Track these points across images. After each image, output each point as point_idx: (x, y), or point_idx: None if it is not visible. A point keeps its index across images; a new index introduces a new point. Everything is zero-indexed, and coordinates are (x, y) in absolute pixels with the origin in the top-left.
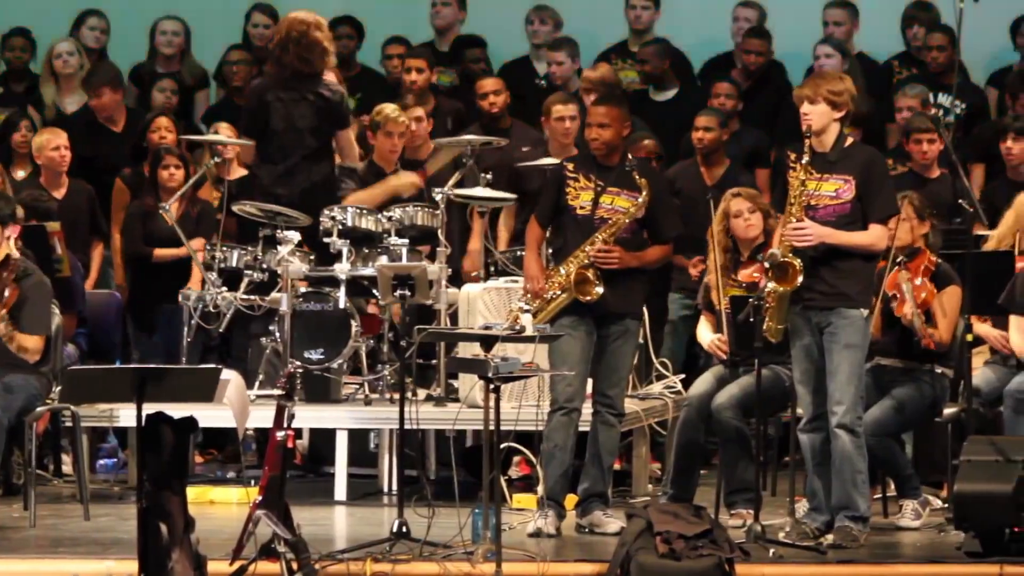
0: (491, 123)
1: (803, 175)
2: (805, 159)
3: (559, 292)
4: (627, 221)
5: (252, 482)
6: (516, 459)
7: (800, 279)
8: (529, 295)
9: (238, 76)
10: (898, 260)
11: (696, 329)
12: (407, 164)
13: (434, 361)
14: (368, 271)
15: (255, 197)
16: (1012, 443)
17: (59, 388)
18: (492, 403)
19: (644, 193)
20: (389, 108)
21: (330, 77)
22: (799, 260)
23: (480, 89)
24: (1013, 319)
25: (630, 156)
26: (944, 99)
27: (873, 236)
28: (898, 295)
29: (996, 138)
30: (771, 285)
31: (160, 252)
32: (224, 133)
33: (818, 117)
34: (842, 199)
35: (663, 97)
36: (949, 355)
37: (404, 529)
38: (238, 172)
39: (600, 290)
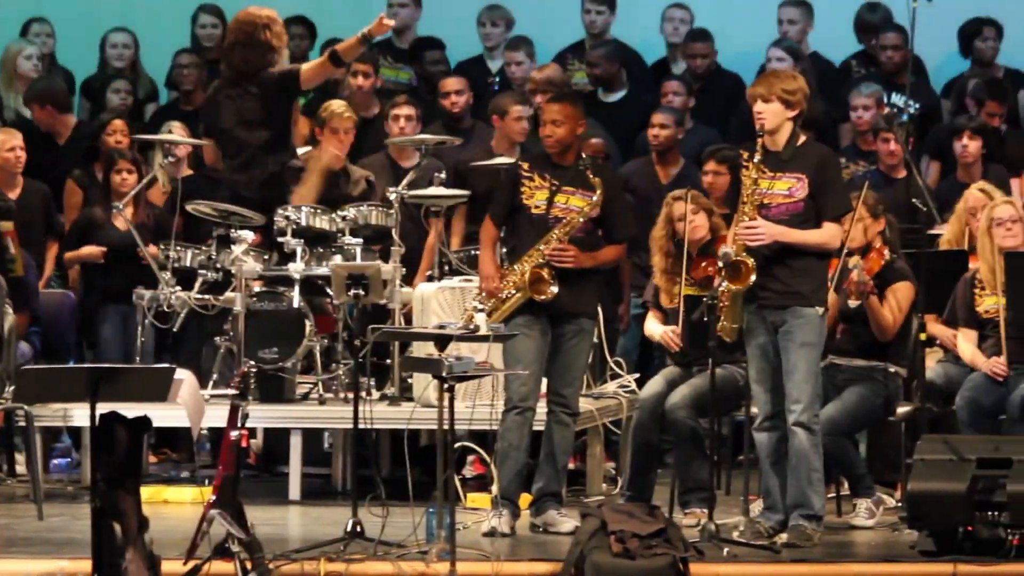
0: (452, 123)
1: (755, 174)
2: (757, 158)
3: (514, 291)
4: (582, 220)
5: (206, 482)
6: (470, 458)
7: (753, 278)
8: (484, 294)
9: (188, 79)
10: (851, 256)
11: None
12: (394, 171)
13: (388, 360)
14: (322, 270)
15: (216, 193)
16: (965, 442)
17: (12, 387)
18: (446, 402)
19: (598, 192)
20: (336, 104)
21: (283, 66)
22: (751, 259)
23: (443, 88)
24: (960, 331)
25: (584, 155)
26: (898, 99)
27: (827, 234)
28: (849, 276)
29: (951, 138)
30: (724, 284)
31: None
32: (178, 132)
33: (772, 116)
34: (795, 197)
35: (612, 98)
36: (902, 354)
37: (358, 528)
38: (186, 172)
39: (555, 289)
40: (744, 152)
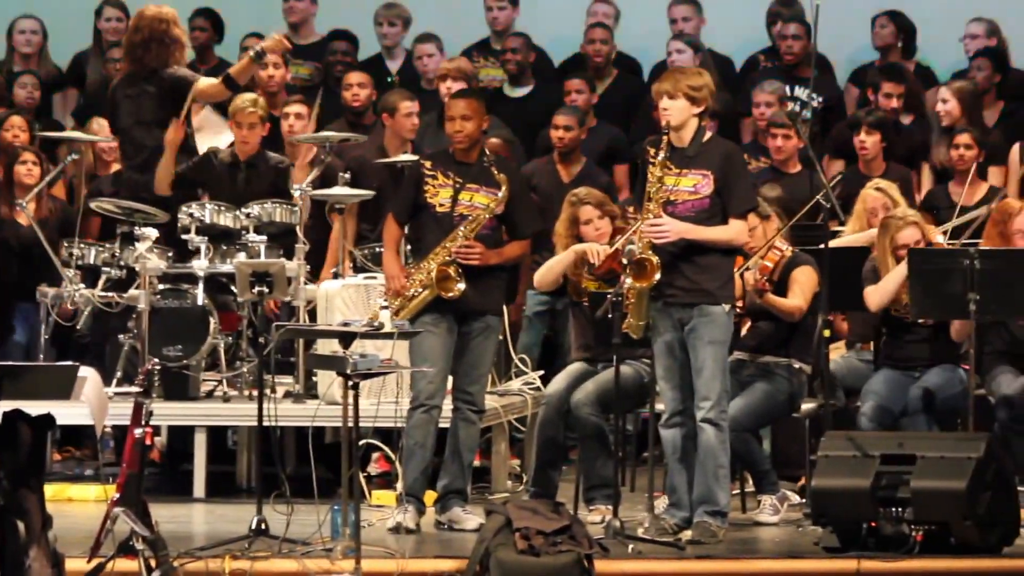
0: (354, 118)
1: (660, 171)
2: (662, 155)
3: (421, 289)
4: (487, 217)
5: (110, 479)
6: (375, 456)
7: (658, 275)
8: (390, 293)
9: (119, 74)
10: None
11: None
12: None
13: (293, 359)
14: (226, 268)
15: (120, 192)
16: (869, 438)
17: None
18: (351, 400)
19: (504, 189)
20: (241, 98)
21: (182, 70)
22: (656, 256)
23: (345, 81)
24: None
25: (488, 153)
26: (801, 92)
27: (733, 231)
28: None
29: (852, 133)
30: (629, 281)
31: None
32: (102, 130)
33: (677, 112)
34: (701, 194)
35: (518, 93)
36: (807, 350)
37: (263, 526)
38: (115, 167)
39: (462, 286)
40: (650, 148)
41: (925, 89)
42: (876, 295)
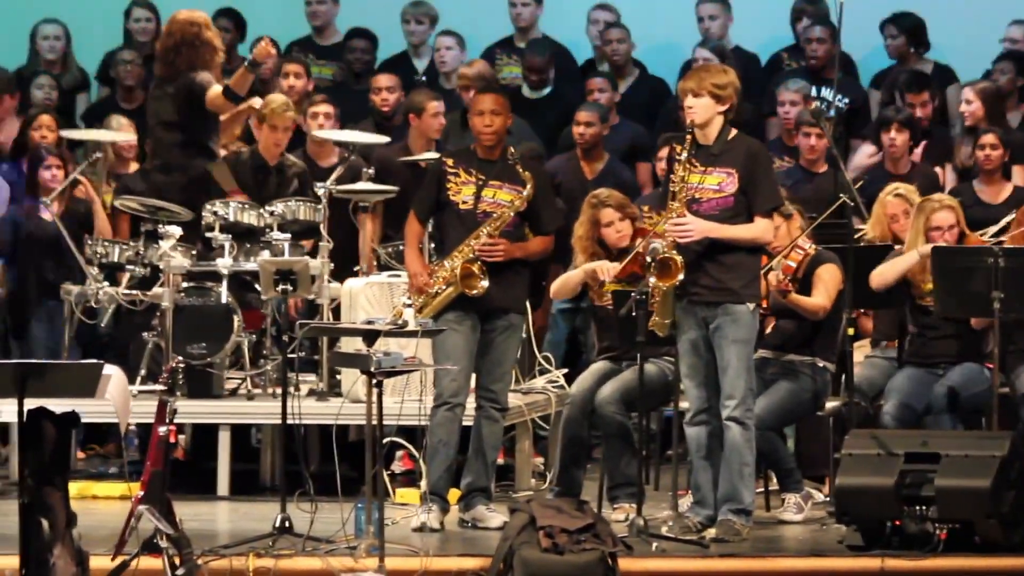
0: (382, 120)
1: (682, 171)
2: (684, 154)
3: (444, 287)
4: (511, 215)
5: (134, 477)
6: (399, 454)
7: (682, 275)
8: (413, 290)
9: (129, 75)
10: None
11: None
12: (312, 170)
13: (317, 356)
14: (250, 266)
15: (146, 190)
16: (893, 437)
17: None
18: (374, 398)
19: (529, 187)
20: (277, 101)
21: (202, 75)
22: (680, 256)
23: (374, 84)
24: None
25: (512, 149)
26: (826, 93)
27: (758, 229)
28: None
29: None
30: (653, 280)
31: None
32: (121, 127)
33: (702, 110)
34: (725, 192)
35: (537, 94)
36: (831, 348)
37: (287, 524)
38: (134, 165)
39: (486, 283)
40: (677, 146)
41: (943, 87)
42: (880, 275)
